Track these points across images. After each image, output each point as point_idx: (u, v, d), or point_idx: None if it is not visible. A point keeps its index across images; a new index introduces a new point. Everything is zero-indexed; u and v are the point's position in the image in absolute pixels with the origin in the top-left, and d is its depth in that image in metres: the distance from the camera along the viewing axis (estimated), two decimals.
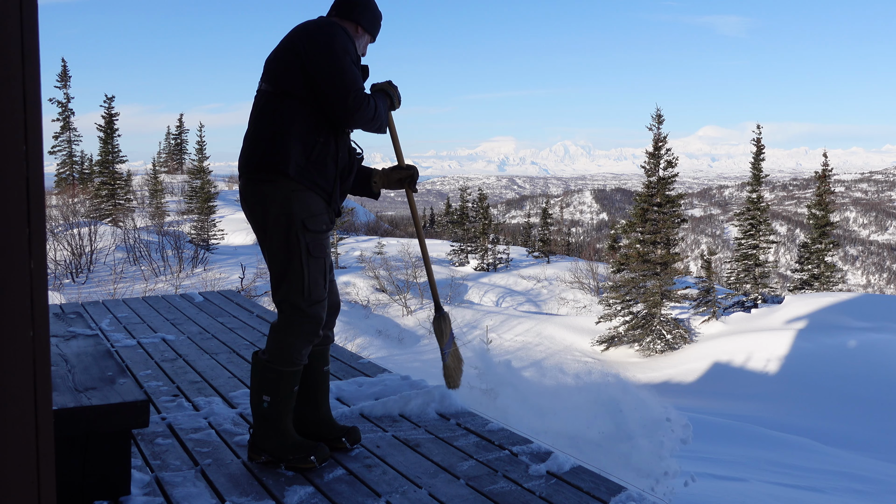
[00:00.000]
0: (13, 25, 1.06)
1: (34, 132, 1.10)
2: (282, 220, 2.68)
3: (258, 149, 2.72)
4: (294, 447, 2.80)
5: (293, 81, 2.70)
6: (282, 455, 2.79)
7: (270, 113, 2.73)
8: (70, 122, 39.08)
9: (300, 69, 2.70)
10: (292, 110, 2.70)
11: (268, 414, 2.80)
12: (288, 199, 2.67)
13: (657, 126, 20.45)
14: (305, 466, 2.79)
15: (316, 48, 2.69)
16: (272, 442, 2.81)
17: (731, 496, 5.25)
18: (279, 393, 2.79)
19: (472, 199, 30.81)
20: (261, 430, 2.83)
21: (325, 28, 2.75)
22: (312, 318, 2.76)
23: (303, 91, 2.70)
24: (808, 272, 24.24)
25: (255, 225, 2.80)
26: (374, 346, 17.51)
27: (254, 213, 2.77)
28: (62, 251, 18.45)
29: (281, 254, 2.72)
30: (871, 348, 14.49)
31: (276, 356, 2.77)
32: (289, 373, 2.78)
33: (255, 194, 2.74)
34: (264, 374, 2.79)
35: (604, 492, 2.63)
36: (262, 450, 2.82)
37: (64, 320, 3.64)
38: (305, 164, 2.69)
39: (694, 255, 61.32)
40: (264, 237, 2.77)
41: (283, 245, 2.70)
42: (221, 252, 26.71)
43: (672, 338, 18.99)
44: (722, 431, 9.67)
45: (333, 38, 2.71)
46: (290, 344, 2.76)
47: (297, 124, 2.69)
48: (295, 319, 2.75)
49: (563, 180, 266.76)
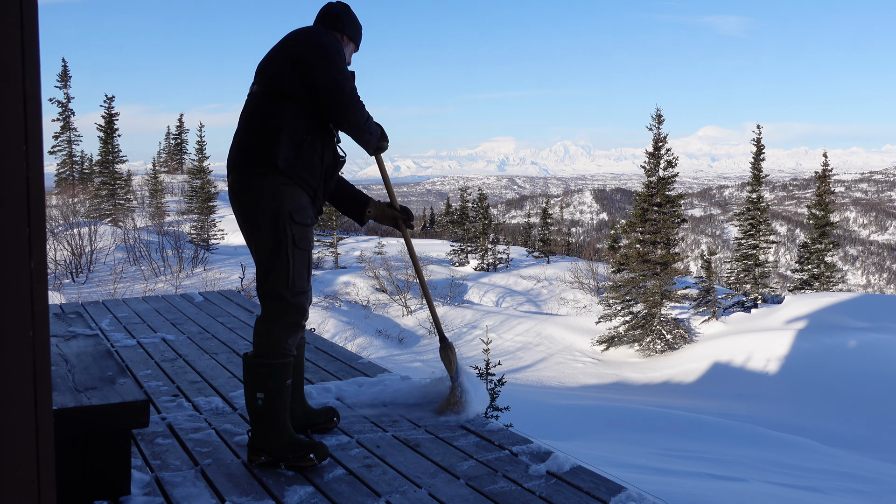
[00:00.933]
0: (13, 25, 1.06)
1: (34, 132, 1.10)
2: (270, 212, 2.78)
3: (249, 145, 2.83)
4: (293, 445, 2.82)
5: (287, 81, 2.82)
6: (281, 454, 2.80)
7: (262, 111, 2.84)
8: (70, 122, 39.09)
9: (295, 69, 2.82)
10: (283, 109, 2.81)
11: (263, 412, 2.81)
12: (277, 191, 2.77)
13: (657, 126, 20.45)
14: (305, 465, 2.80)
15: (311, 49, 2.83)
16: (270, 441, 2.81)
17: (731, 496, 5.26)
18: (272, 387, 2.81)
19: (472, 199, 30.81)
20: (258, 430, 2.83)
21: (319, 32, 2.93)
22: (297, 307, 2.84)
23: (295, 91, 2.82)
24: (808, 272, 24.24)
25: (244, 218, 2.87)
26: (374, 346, 17.51)
27: (242, 205, 2.85)
28: (62, 251, 18.45)
29: (269, 244, 2.80)
30: (871, 348, 14.49)
31: (264, 350, 2.82)
32: (278, 365, 2.81)
33: (245, 187, 2.82)
34: (255, 371, 2.82)
35: (604, 492, 2.63)
36: (260, 450, 2.83)
37: (64, 320, 3.64)
38: (294, 160, 2.80)
39: (694, 255, 61.34)
40: (252, 229, 2.85)
41: (271, 235, 2.79)
42: (221, 252, 26.71)
43: (672, 338, 18.99)
44: (722, 431, 9.68)
45: (328, 41, 2.88)
46: (277, 336, 2.82)
47: (287, 122, 2.80)
48: (279, 309, 2.82)
49: (563, 180, 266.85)
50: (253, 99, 2.91)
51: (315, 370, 4.27)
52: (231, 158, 2.89)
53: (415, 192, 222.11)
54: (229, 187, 2.91)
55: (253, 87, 2.95)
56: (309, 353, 4.58)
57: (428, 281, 23.93)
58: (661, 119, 20.48)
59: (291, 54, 2.84)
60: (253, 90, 2.94)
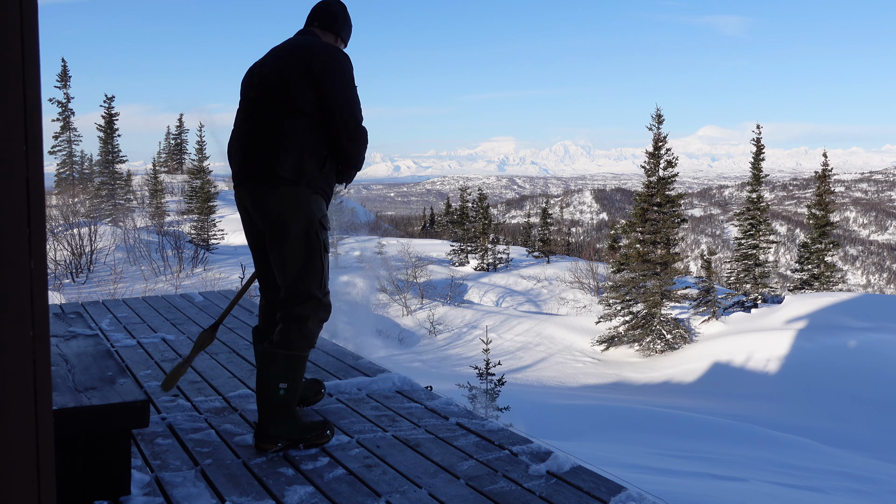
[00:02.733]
0: (13, 25, 1.06)
1: (34, 132, 1.10)
2: (304, 220, 2.95)
3: (278, 158, 2.91)
4: (309, 427, 3.03)
5: (306, 101, 2.93)
6: (300, 436, 3.00)
7: (279, 125, 2.93)
8: (70, 122, 39.08)
9: (314, 91, 2.93)
10: (306, 127, 2.95)
11: (283, 401, 2.98)
12: (308, 202, 2.96)
13: (657, 126, 20.44)
14: (322, 442, 3.04)
15: (331, 76, 2.93)
16: (287, 427, 2.98)
17: (731, 496, 5.25)
18: (296, 378, 3.01)
19: (472, 199, 30.80)
20: (273, 419, 2.97)
21: (336, 55, 2.99)
22: (327, 306, 3.08)
23: (313, 110, 2.95)
24: (808, 272, 24.23)
25: (275, 226, 2.95)
26: (374, 346, 17.50)
27: (274, 215, 2.94)
28: (62, 251, 18.45)
29: (302, 251, 2.96)
30: (871, 348, 14.49)
31: (296, 344, 3.00)
32: (304, 357, 3.05)
33: (278, 198, 2.93)
34: (283, 363, 2.98)
35: (604, 492, 2.63)
36: (276, 437, 2.98)
37: (64, 320, 3.64)
38: (319, 175, 2.99)
39: (694, 255, 61.32)
40: (281, 236, 2.95)
41: (304, 242, 2.96)
42: (221, 252, 26.72)
43: (672, 338, 18.99)
44: (722, 431, 9.67)
45: (346, 68, 2.99)
46: (311, 331, 3.04)
47: (311, 140, 2.96)
48: (313, 308, 3.01)
49: (563, 180, 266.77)
50: (259, 108, 2.97)
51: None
52: (251, 168, 2.95)
53: (415, 192, 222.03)
54: (254, 198, 2.96)
55: (254, 93, 3.00)
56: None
57: (428, 281, 24.02)
58: (661, 119, 20.48)
59: (311, 73, 2.91)
60: (254, 96, 2.99)
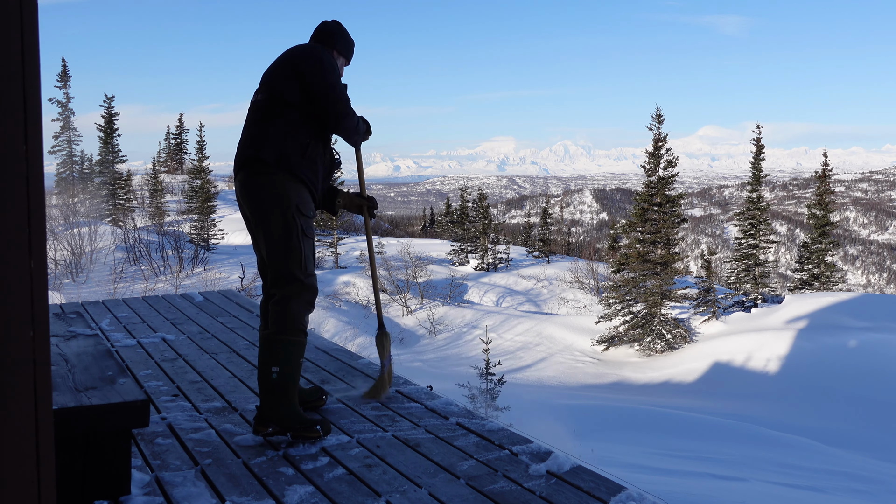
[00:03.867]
0: (13, 25, 1.06)
1: (34, 132, 1.10)
2: (281, 204, 3.11)
3: (260, 147, 3.15)
4: (300, 418, 3.08)
5: (291, 92, 3.17)
6: (289, 425, 3.04)
7: (271, 118, 3.18)
8: (70, 122, 39.04)
9: (297, 82, 3.18)
10: (290, 117, 3.18)
11: (276, 385, 3.06)
12: (285, 187, 3.12)
13: (657, 126, 20.44)
14: (311, 435, 3.05)
15: (312, 64, 3.21)
16: (278, 412, 3.05)
17: (731, 496, 5.26)
18: (287, 362, 3.08)
19: (472, 199, 30.80)
20: (268, 403, 3.06)
21: (317, 49, 3.31)
22: (310, 287, 3.18)
23: (299, 101, 3.18)
24: (808, 272, 24.23)
25: (255, 212, 3.16)
26: (374, 346, 17.48)
27: (254, 200, 3.15)
28: (62, 251, 18.45)
29: (280, 233, 3.12)
30: (871, 348, 14.50)
31: (284, 326, 3.10)
32: (296, 342, 3.12)
33: (257, 184, 3.14)
34: (274, 346, 3.09)
35: (604, 491, 2.63)
36: (269, 421, 3.05)
37: (64, 320, 3.64)
38: (300, 161, 3.16)
39: (694, 255, 61.30)
40: (262, 221, 3.14)
41: (282, 225, 3.11)
42: (221, 252, 26.72)
43: (672, 338, 18.99)
44: (722, 431, 9.67)
45: (324, 57, 3.27)
46: (295, 311, 3.12)
47: (293, 128, 3.17)
48: (296, 289, 3.13)
49: (563, 180, 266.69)
50: (258, 107, 3.25)
51: (315, 370, 4.27)
52: (241, 159, 3.21)
53: (415, 192, 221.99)
54: (240, 185, 3.20)
55: (257, 96, 3.28)
56: (309, 353, 4.57)
57: (428, 281, 24.02)
58: (661, 119, 20.48)
59: (294, 68, 3.20)
60: (257, 98, 3.27)
